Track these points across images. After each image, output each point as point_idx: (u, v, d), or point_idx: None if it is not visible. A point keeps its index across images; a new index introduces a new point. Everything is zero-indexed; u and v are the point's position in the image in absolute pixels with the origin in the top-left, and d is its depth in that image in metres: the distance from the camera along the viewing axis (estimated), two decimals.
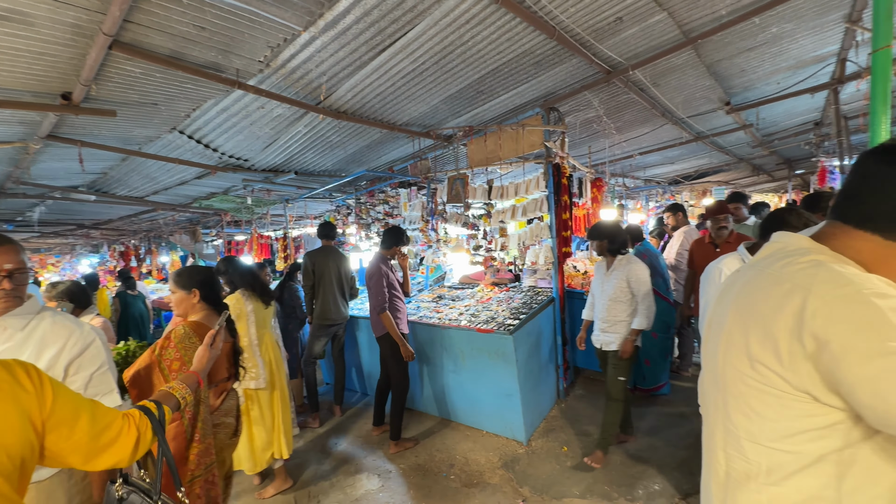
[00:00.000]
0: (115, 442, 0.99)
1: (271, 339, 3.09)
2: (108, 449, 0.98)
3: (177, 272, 2.02)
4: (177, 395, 1.29)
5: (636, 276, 2.99)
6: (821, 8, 2.95)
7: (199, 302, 1.98)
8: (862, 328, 0.69)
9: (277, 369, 3.06)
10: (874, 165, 0.79)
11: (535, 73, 3.39)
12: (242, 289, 2.98)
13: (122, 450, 1.00)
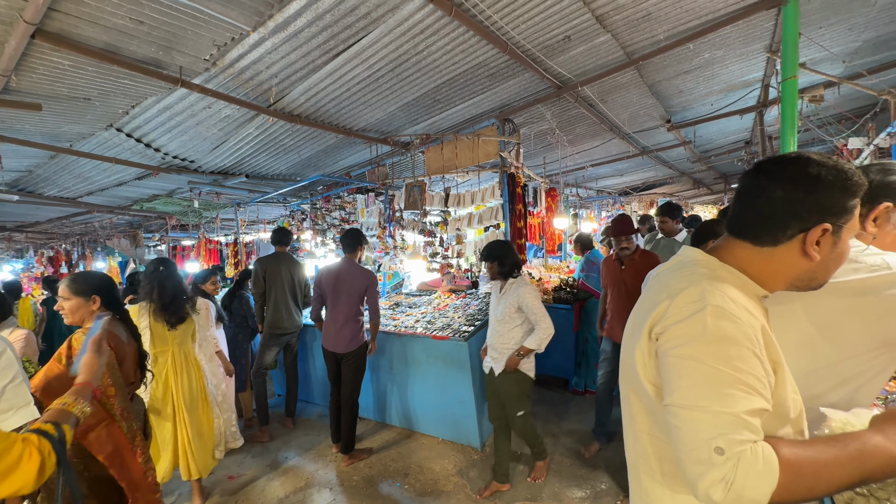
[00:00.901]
0: (16, 468, 0.90)
1: (179, 359, 2.82)
2: (6, 477, 0.89)
3: (70, 278, 1.89)
4: (74, 411, 1.20)
5: (525, 301, 2.77)
6: (746, 38, 3.24)
7: (99, 309, 1.87)
8: (685, 337, 0.80)
9: (183, 394, 2.80)
10: (745, 180, 0.90)
11: (489, 84, 3.47)
12: (145, 302, 2.79)
13: (24, 476, 0.91)
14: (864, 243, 1.14)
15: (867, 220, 1.17)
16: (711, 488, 0.71)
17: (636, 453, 1.00)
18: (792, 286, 0.88)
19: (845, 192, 0.80)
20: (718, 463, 0.70)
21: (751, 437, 0.72)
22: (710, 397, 0.74)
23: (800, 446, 0.73)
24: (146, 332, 2.72)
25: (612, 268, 3.37)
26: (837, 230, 0.82)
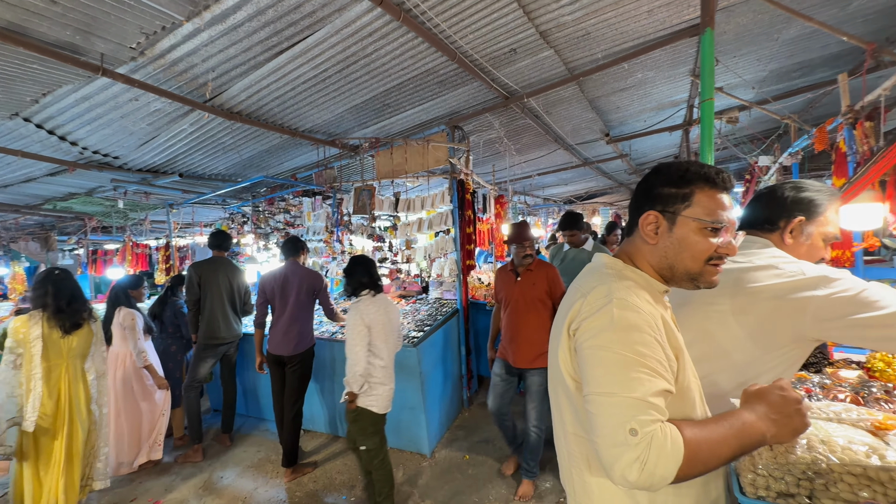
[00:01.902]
0: None
1: (73, 373, 2.60)
2: None
3: None
4: None
5: (348, 323, 2.52)
6: (673, 61, 3.53)
7: None
8: (596, 329, 0.88)
9: (76, 411, 2.59)
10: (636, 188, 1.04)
11: (439, 91, 3.51)
12: (37, 311, 2.55)
13: None
14: (788, 253, 1.27)
15: (784, 232, 1.32)
16: (627, 469, 0.75)
17: (566, 452, 1.05)
18: (664, 276, 0.98)
19: (668, 182, 0.93)
20: (633, 444, 0.76)
21: (657, 416, 0.78)
22: (621, 383, 0.81)
23: (697, 427, 0.80)
24: (37, 343, 2.46)
25: (506, 280, 3.01)
26: (670, 216, 0.93)
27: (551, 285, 2.89)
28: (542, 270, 2.92)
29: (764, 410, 0.83)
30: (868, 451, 0.88)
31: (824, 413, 1.07)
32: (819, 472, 0.88)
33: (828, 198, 1.31)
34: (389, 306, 2.67)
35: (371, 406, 2.52)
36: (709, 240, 0.91)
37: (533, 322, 2.87)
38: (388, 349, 2.59)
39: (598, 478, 0.97)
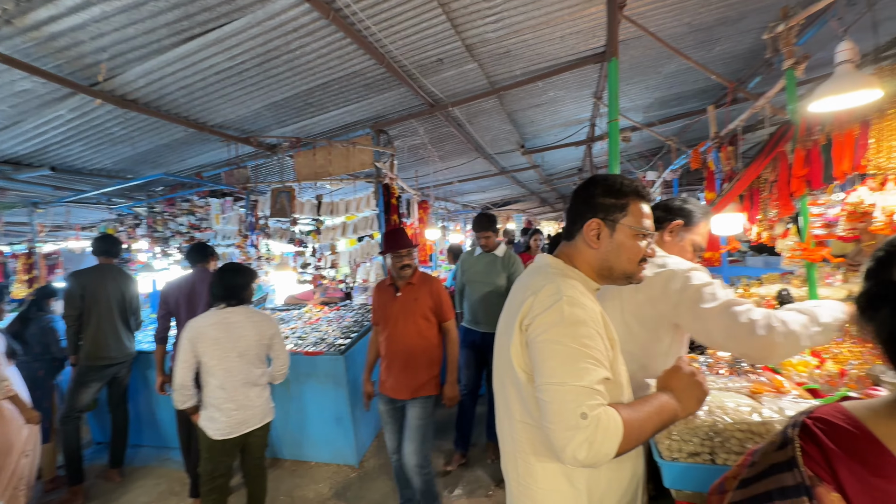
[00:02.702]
0: None
1: None
2: None
3: None
4: None
5: None
6: (579, 84, 3.93)
7: None
8: (548, 323, 0.97)
9: None
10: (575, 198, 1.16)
11: (365, 94, 3.47)
12: None
13: None
14: (664, 250, 1.51)
15: (665, 231, 1.57)
16: (578, 449, 0.84)
17: (511, 440, 1.12)
18: (602, 277, 1.11)
19: (607, 194, 1.07)
20: (583, 426, 0.85)
21: (601, 401, 0.89)
22: (571, 373, 0.90)
23: (629, 408, 0.92)
24: None
25: (384, 296, 2.58)
26: (611, 224, 1.06)
27: (436, 301, 2.52)
28: (425, 285, 2.54)
29: (673, 390, 0.98)
30: (750, 411, 1.08)
31: (716, 383, 1.28)
32: (717, 431, 1.07)
33: (703, 214, 1.61)
34: (235, 322, 2.30)
35: (205, 428, 2.27)
36: (640, 244, 1.07)
37: (415, 344, 2.46)
38: (223, 369, 2.25)
39: (542, 462, 1.05)
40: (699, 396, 0.98)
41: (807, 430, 0.62)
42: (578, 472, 1.02)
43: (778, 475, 0.62)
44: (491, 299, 3.28)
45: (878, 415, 0.59)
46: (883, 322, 0.60)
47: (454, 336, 2.63)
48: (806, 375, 1.53)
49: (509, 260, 3.39)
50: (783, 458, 0.62)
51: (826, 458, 0.58)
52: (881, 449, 0.56)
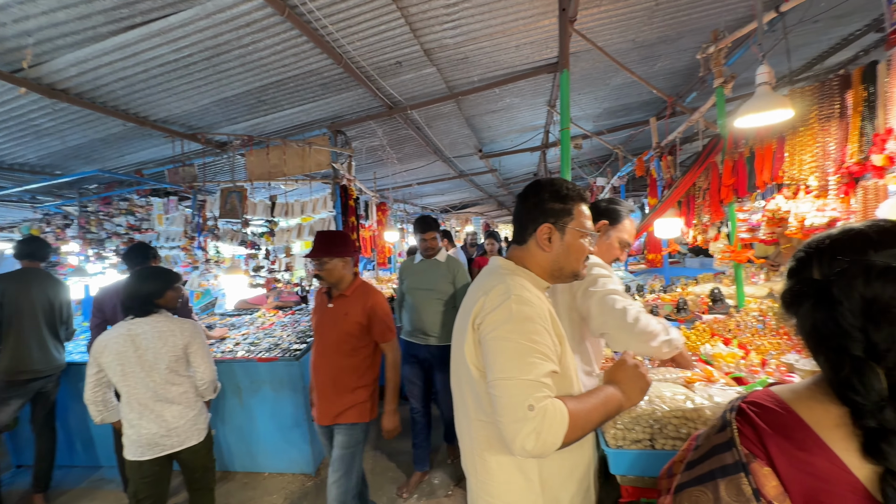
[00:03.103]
0: None
1: None
2: None
3: None
4: None
5: None
6: (534, 92, 4.07)
7: None
8: (498, 321, 1.01)
9: None
10: (515, 204, 1.23)
11: (322, 93, 3.41)
12: None
13: None
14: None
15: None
16: (526, 439, 0.89)
17: (469, 438, 1.16)
18: (553, 277, 1.17)
19: (556, 199, 1.14)
20: (531, 417, 0.89)
21: (548, 393, 0.94)
22: (519, 368, 0.95)
23: (576, 400, 0.98)
24: None
25: (320, 304, 2.32)
26: (561, 228, 1.13)
27: (370, 319, 2.18)
28: (360, 298, 2.21)
29: (618, 382, 1.06)
30: (685, 399, 1.19)
31: (656, 375, 1.39)
32: (656, 419, 1.16)
33: (626, 212, 1.72)
34: (141, 334, 2.05)
35: (124, 446, 2.06)
36: (585, 244, 1.15)
37: (339, 364, 2.18)
38: (128, 385, 2.03)
39: (497, 456, 1.09)
40: (642, 387, 1.06)
41: (742, 413, 0.69)
42: (531, 464, 1.07)
43: (719, 455, 0.68)
44: (437, 308, 3.06)
45: (800, 397, 0.67)
46: (805, 316, 0.67)
47: (394, 359, 2.24)
48: (733, 365, 1.68)
49: (453, 265, 3.17)
50: (723, 439, 0.68)
51: (759, 437, 0.65)
52: (804, 426, 0.63)
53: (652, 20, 2.96)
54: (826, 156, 1.66)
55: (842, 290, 0.62)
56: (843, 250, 0.64)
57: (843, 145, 1.60)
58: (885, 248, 0.61)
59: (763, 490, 0.61)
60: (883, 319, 0.58)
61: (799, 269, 0.71)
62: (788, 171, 1.79)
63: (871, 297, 0.59)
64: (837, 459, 0.59)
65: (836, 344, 0.62)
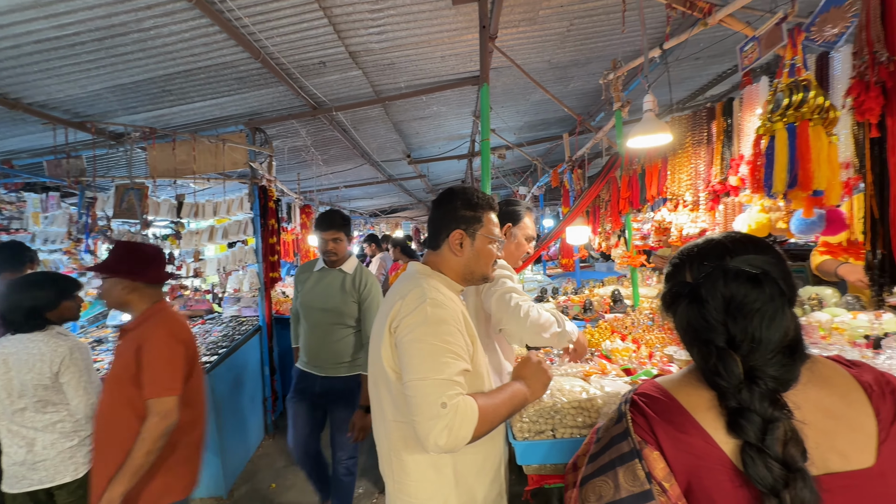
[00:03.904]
0: None
1: None
2: None
3: None
4: None
5: None
6: (460, 102, 4.21)
7: None
8: (413, 324, 1.05)
9: None
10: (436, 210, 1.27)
11: (238, 88, 3.21)
12: None
13: None
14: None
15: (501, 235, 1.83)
16: (439, 435, 0.93)
17: (386, 440, 1.17)
18: (465, 280, 1.24)
19: (467, 207, 1.21)
20: (443, 414, 0.94)
21: (460, 391, 0.99)
22: (433, 368, 0.99)
23: (485, 396, 1.05)
24: None
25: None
26: (472, 234, 1.21)
27: (139, 363, 1.58)
28: (139, 336, 1.62)
29: (524, 378, 1.14)
30: (581, 391, 1.31)
31: (559, 370, 1.52)
32: (557, 410, 1.27)
33: (524, 209, 1.87)
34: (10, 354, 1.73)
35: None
36: (493, 249, 1.23)
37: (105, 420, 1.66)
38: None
39: (413, 455, 1.12)
40: (545, 382, 1.16)
41: (635, 404, 0.76)
42: (445, 459, 1.11)
43: (617, 445, 0.74)
44: (333, 333, 2.36)
45: (679, 385, 0.76)
46: (680, 314, 0.76)
47: (150, 429, 1.51)
48: (627, 359, 1.89)
49: (361, 280, 2.41)
50: (620, 430, 0.75)
51: (649, 424, 0.72)
52: (683, 411, 0.72)
53: (565, 44, 3.23)
54: (697, 175, 1.95)
55: (708, 291, 0.72)
56: (707, 257, 0.76)
57: (709, 167, 1.89)
58: (738, 255, 0.73)
59: (653, 472, 0.68)
60: (738, 314, 0.69)
61: (674, 273, 0.81)
62: (671, 188, 2.07)
63: (729, 296, 0.70)
64: (710, 438, 0.68)
65: (705, 337, 0.71)
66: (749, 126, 1.60)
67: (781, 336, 0.67)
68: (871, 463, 0.63)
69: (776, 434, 0.62)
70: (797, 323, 0.70)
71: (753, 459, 0.63)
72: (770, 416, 0.64)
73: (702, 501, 0.67)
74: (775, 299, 0.68)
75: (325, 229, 2.41)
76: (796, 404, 0.66)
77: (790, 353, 0.68)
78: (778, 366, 0.66)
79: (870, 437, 0.65)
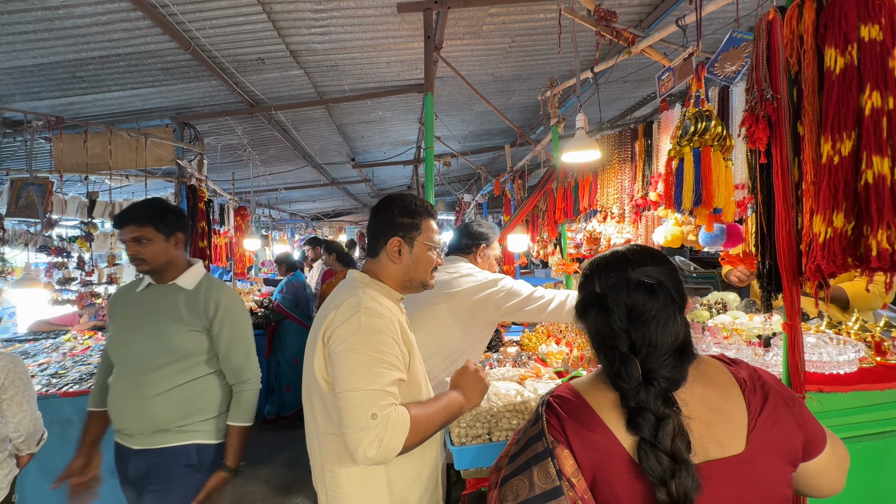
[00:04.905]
0: None
1: None
2: None
3: None
4: None
5: None
6: (406, 108, 4.22)
7: None
8: (347, 334, 1.03)
9: None
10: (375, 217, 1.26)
11: (164, 79, 2.98)
12: None
13: None
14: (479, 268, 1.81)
15: (477, 254, 1.96)
16: (368, 447, 0.92)
17: (319, 453, 1.14)
18: (404, 287, 1.24)
19: (405, 214, 1.21)
20: (373, 426, 0.93)
21: (392, 401, 0.99)
22: (365, 378, 0.98)
23: (419, 406, 1.05)
24: None
25: None
26: (410, 241, 1.20)
27: None
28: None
29: (461, 386, 1.16)
30: (516, 394, 1.36)
31: (497, 375, 1.57)
32: (493, 414, 1.31)
33: (494, 233, 2.02)
34: None
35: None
36: (432, 256, 1.23)
37: None
38: None
39: (345, 467, 1.10)
40: (481, 389, 1.18)
41: (550, 406, 0.80)
42: (377, 470, 1.10)
43: (534, 445, 0.77)
44: (157, 382, 1.53)
45: (589, 387, 0.82)
46: (590, 322, 0.82)
47: None
48: (559, 361, 1.99)
49: (207, 297, 1.61)
50: (536, 431, 0.79)
51: (561, 424, 0.76)
52: (591, 411, 0.77)
53: (507, 59, 3.36)
54: (623, 190, 2.12)
55: (613, 300, 0.78)
56: (612, 268, 0.82)
57: (633, 183, 2.07)
58: (638, 267, 0.80)
59: (563, 469, 0.72)
60: (638, 322, 0.75)
61: (586, 283, 0.87)
62: (600, 200, 2.23)
63: (631, 305, 0.76)
64: (612, 435, 0.73)
65: (611, 343, 0.77)
66: (665, 147, 1.77)
67: (673, 340, 0.74)
68: (741, 449, 0.72)
69: (667, 430, 0.69)
70: (687, 327, 0.78)
71: (647, 453, 0.69)
72: (662, 413, 0.70)
73: (605, 493, 0.72)
74: (668, 307, 0.76)
75: (121, 225, 1.57)
76: (684, 401, 0.73)
77: (680, 356, 0.75)
78: (670, 367, 0.74)
79: (741, 427, 0.73)
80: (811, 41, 1.09)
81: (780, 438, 0.74)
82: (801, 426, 0.76)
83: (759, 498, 0.72)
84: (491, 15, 2.65)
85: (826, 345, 1.35)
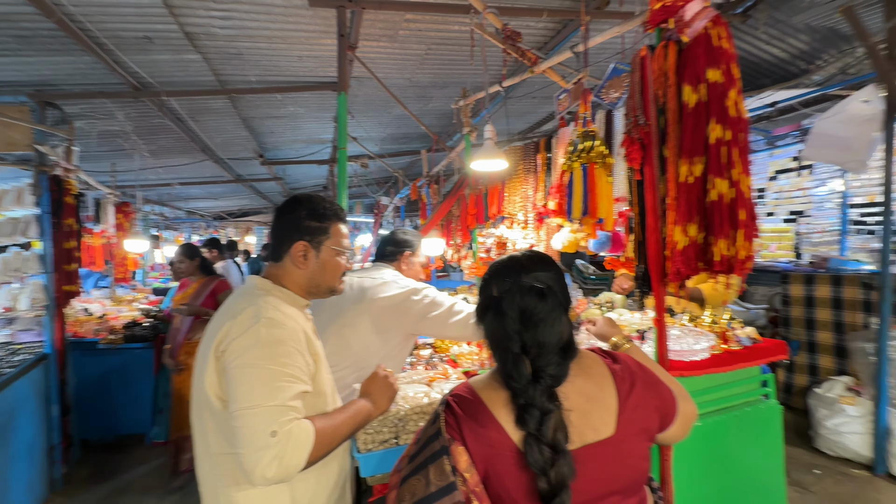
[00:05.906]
0: None
1: None
2: None
3: None
4: None
5: None
6: (321, 106, 4.06)
7: None
8: (243, 347, 0.96)
9: None
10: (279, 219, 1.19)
11: (19, 49, 2.51)
12: None
13: None
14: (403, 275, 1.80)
15: (402, 261, 1.90)
16: (266, 467, 0.86)
17: (211, 476, 1.04)
18: (310, 293, 1.18)
19: (313, 217, 1.15)
20: (272, 444, 0.87)
21: (295, 415, 0.93)
22: (264, 394, 0.91)
23: (324, 418, 1.01)
24: None
25: None
26: (317, 246, 1.15)
27: None
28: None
29: (370, 393, 1.14)
30: (423, 396, 1.38)
31: (406, 378, 1.57)
32: (400, 417, 1.31)
33: (419, 240, 2.02)
34: None
35: None
36: (340, 261, 1.18)
37: None
38: None
39: (243, 490, 1.01)
40: (391, 395, 1.17)
41: (448, 405, 0.82)
42: (279, 488, 1.03)
43: (432, 444, 0.78)
44: None
45: (485, 385, 0.85)
46: (487, 325, 0.85)
47: None
48: (470, 362, 2.07)
49: None
50: (434, 430, 0.80)
51: (457, 422, 0.79)
52: (485, 408, 0.80)
53: (424, 66, 3.40)
54: (527, 198, 2.28)
55: (507, 304, 0.82)
56: (508, 273, 0.87)
57: (535, 192, 2.23)
58: (531, 272, 0.86)
59: (457, 465, 0.75)
60: (529, 324, 0.80)
61: (484, 287, 0.91)
62: (508, 208, 2.37)
63: (523, 308, 0.81)
64: (503, 430, 0.77)
65: (505, 345, 0.81)
66: (561, 161, 1.95)
67: (559, 339, 0.81)
68: (612, 432, 0.81)
69: (549, 424, 0.75)
70: (571, 328, 0.86)
71: (532, 446, 0.75)
72: (546, 408, 0.76)
73: (496, 485, 0.77)
74: (556, 309, 0.82)
75: None
76: (565, 394, 0.80)
77: (564, 354, 0.82)
78: (555, 365, 0.80)
79: (612, 412, 0.82)
80: (674, 78, 1.28)
81: (642, 419, 0.85)
82: (658, 407, 0.88)
83: (628, 473, 0.82)
84: (408, 21, 2.67)
85: (686, 336, 1.59)
